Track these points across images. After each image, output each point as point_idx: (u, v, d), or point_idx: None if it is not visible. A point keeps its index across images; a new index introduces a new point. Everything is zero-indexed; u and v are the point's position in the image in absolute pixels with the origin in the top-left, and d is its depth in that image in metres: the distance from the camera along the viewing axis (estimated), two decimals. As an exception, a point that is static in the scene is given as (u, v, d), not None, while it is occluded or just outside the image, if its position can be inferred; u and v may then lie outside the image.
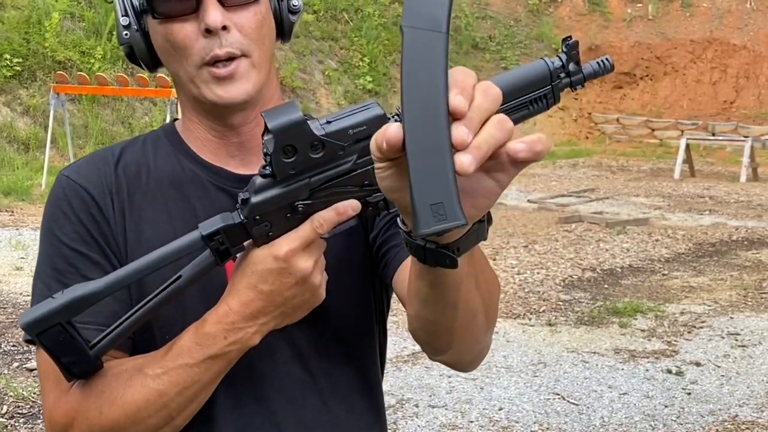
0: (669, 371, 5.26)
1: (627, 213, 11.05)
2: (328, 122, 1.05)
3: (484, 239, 0.95)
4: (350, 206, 1.06)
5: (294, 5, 1.24)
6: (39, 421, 4.39)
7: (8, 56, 13.31)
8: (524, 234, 9.27)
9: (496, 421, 4.52)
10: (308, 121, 1.03)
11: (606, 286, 7.38)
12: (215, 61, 1.15)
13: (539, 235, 9.29)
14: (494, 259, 8.08)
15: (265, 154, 1.04)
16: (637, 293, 7.11)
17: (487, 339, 1.17)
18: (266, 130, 1.03)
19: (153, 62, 1.22)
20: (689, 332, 6.06)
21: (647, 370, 5.28)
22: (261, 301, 1.07)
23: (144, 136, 1.29)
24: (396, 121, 0.97)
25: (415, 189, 0.78)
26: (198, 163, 1.24)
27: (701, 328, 6.16)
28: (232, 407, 1.20)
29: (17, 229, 8.83)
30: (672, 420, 4.56)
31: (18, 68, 13.36)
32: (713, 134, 17.48)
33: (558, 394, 4.89)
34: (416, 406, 4.65)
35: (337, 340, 1.26)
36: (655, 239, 9.27)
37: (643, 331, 6.09)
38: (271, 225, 1.07)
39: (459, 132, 0.77)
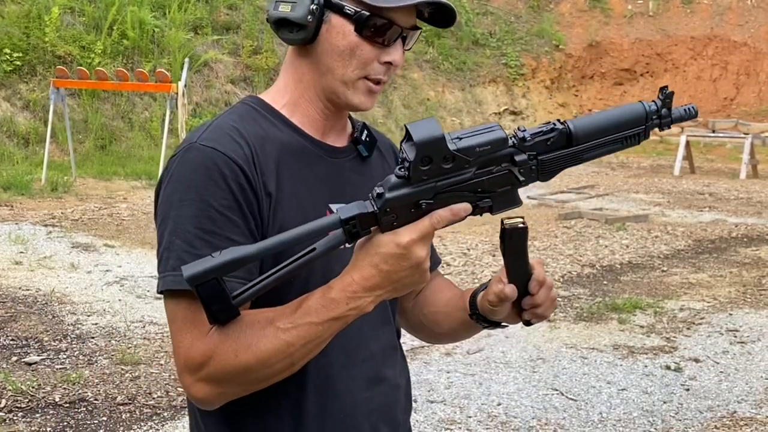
0: (668, 367, 5.26)
1: (627, 209, 11.05)
2: (459, 138, 1.28)
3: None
4: (463, 209, 1.30)
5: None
6: (37, 415, 4.39)
7: (8, 51, 13.30)
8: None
9: (495, 416, 4.52)
10: (445, 137, 1.26)
11: (605, 282, 7.38)
12: (374, 81, 1.46)
13: (539, 231, 9.29)
14: (493, 255, 8.09)
15: (403, 159, 1.26)
16: (636, 289, 7.11)
17: None
18: (408, 139, 1.25)
19: (306, 43, 1.44)
20: (688, 328, 6.06)
21: (646, 366, 5.28)
22: (379, 278, 1.28)
23: (242, 110, 1.48)
24: (513, 144, 1.32)
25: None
26: (303, 136, 1.48)
27: (700, 324, 6.16)
28: (340, 333, 1.38)
29: (17, 224, 8.83)
30: (670, 416, 4.56)
31: (18, 63, 13.35)
32: (713, 131, 17.47)
33: (556, 390, 4.89)
34: (415, 401, 4.65)
35: (395, 307, 1.62)
36: (654, 236, 9.27)
37: (642, 327, 6.09)
38: (397, 217, 1.27)
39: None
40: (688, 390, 4.92)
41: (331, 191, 1.48)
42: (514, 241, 1.42)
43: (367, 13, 1.40)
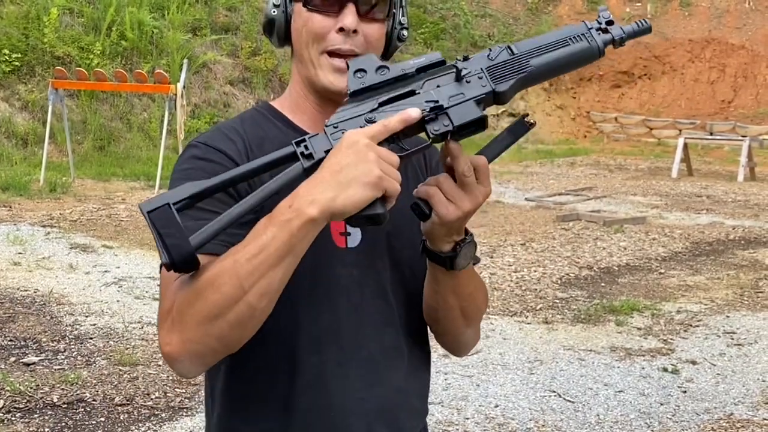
0: (665, 369, 5.28)
1: (624, 212, 11.06)
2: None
3: (476, 261, 1.45)
4: (412, 111, 1.27)
5: (403, 35, 1.55)
6: (35, 416, 4.39)
7: (7, 51, 13.31)
8: (522, 232, 9.28)
9: (492, 418, 4.53)
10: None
11: (603, 284, 7.40)
12: (335, 54, 1.43)
13: (537, 233, 9.30)
14: (491, 257, 8.09)
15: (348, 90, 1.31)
16: (633, 291, 7.12)
17: (467, 334, 1.58)
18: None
19: (285, 39, 1.49)
20: (685, 331, 6.07)
21: (643, 368, 5.29)
22: (321, 170, 1.22)
23: (247, 115, 1.52)
24: (455, 62, 1.35)
25: None
26: (304, 134, 1.40)
27: (697, 326, 6.18)
28: (336, 331, 1.42)
29: (15, 224, 8.83)
30: (667, 418, 4.57)
31: (17, 63, 13.36)
32: (711, 133, 17.50)
33: (554, 392, 4.90)
34: (412, 402, 4.65)
35: (404, 285, 1.52)
36: (652, 238, 9.28)
37: (639, 329, 6.10)
38: (347, 131, 1.26)
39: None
40: (685, 392, 4.93)
41: None
42: (515, 127, 1.38)
43: None
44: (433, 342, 1.62)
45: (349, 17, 1.41)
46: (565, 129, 20.03)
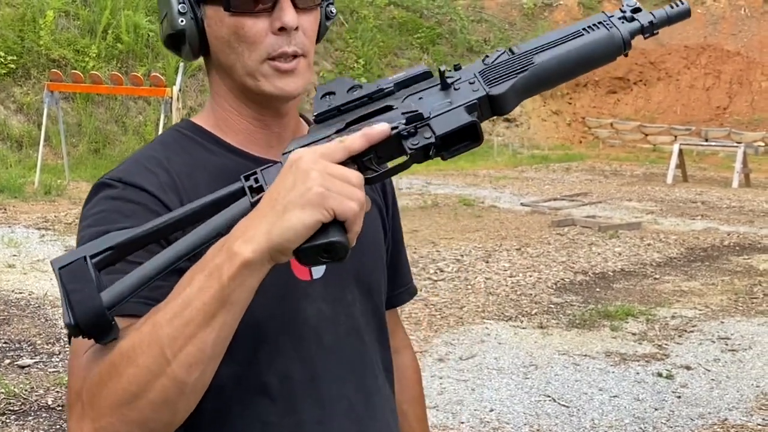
0: (659, 374, 5.28)
1: (619, 217, 11.08)
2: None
3: None
4: (378, 125, 1.04)
5: (331, 12, 1.30)
6: (30, 418, 4.39)
7: (2, 54, 13.30)
8: (517, 237, 9.29)
9: (487, 422, 4.53)
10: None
11: (598, 289, 7.40)
12: (278, 57, 1.20)
13: (532, 238, 9.31)
14: (487, 262, 8.10)
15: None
16: (628, 297, 7.13)
17: None
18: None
19: (200, 50, 1.24)
20: (680, 336, 6.08)
21: (638, 373, 5.30)
22: (258, 206, 1.00)
23: (169, 139, 1.27)
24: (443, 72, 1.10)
25: None
26: (241, 155, 1.25)
27: (692, 332, 6.18)
28: (311, 383, 1.21)
29: (9, 227, 8.82)
30: (662, 423, 4.58)
31: (12, 66, 13.35)
32: (706, 140, 17.54)
33: (549, 396, 4.90)
34: (407, 406, 4.65)
35: (377, 315, 1.35)
36: (647, 243, 9.30)
37: (634, 334, 6.10)
38: None
39: None
40: (679, 397, 4.94)
41: None
42: None
43: None
44: (427, 347, 1.59)
45: (288, 13, 1.18)
46: (560, 134, 20.06)
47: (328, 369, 1.23)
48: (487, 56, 1.12)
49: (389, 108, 1.08)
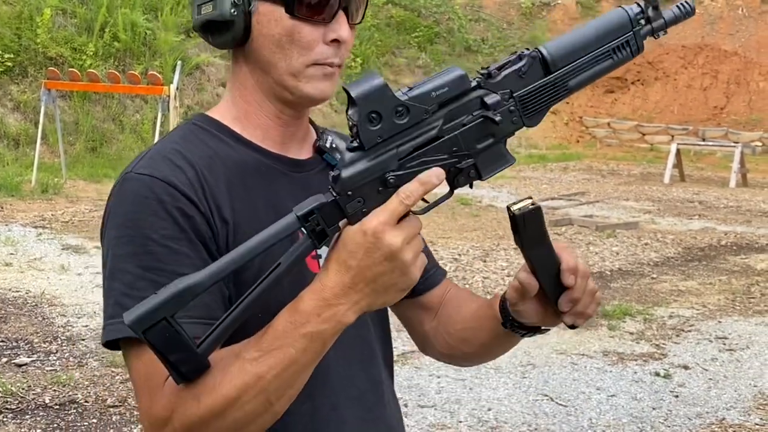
0: (657, 374, 5.28)
1: (617, 217, 11.08)
2: (410, 89, 1.09)
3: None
4: (433, 174, 1.09)
5: None
6: (27, 417, 4.38)
7: (-1, 52, 13.28)
8: (514, 236, 9.27)
9: (485, 421, 4.53)
10: (389, 87, 1.07)
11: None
12: (323, 64, 1.25)
13: (529, 237, 9.29)
14: (484, 261, 8.10)
15: (351, 127, 1.08)
16: (626, 296, 7.13)
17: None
18: (350, 104, 1.07)
19: (239, 42, 1.27)
20: (677, 335, 6.09)
21: (635, 373, 5.30)
22: (351, 278, 1.07)
23: (186, 131, 1.29)
24: (479, 84, 1.12)
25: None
26: (258, 151, 1.29)
27: (689, 331, 6.19)
28: (326, 371, 1.24)
29: (6, 225, 8.81)
30: (660, 422, 4.58)
31: (9, 64, 13.32)
32: (703, 139, 17.55)
33: (546, 396, 4.90)
34: (405, 405, 4.65)
35: (380, 311, 1.39)
36: (644, 243, 9.30)
37: (631, 333, 6.11)
38: (365, 200, 1.07)
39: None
40: (677, 397, 4.94)
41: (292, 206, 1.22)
42: (529, 228, 1.21)
43: None
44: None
45: (344, 28, 1.24)
46: (558, 134, 20.07)
47: (339, 358, 1.26)
48: (520, 59, 1.14)
49: (437, 138, 1.11)
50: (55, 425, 4.30)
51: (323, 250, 1.14)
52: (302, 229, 1.07)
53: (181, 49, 15.30)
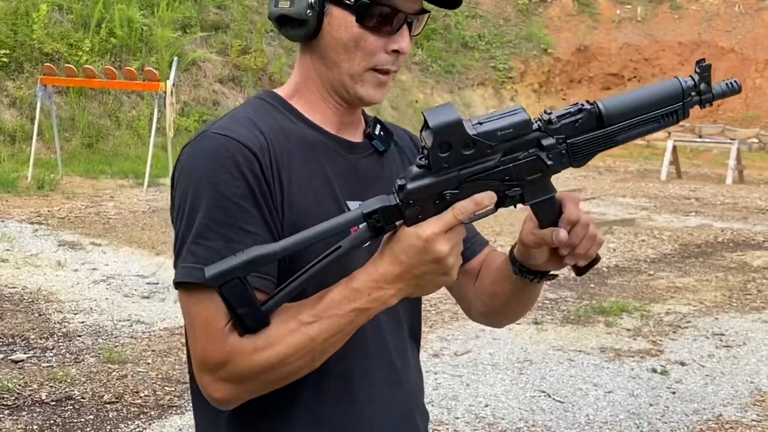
0: (654, 370, 5.29)
1: (613, 213, 11.09)
2: (480, 123, 1.25)
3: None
4: (487, 197, 1.27)
5: None
6: (24, 413, 4.37)
7: (-5, 47, 13.24)
8: (511, 233, 9.28)
9: (482, 417, 4.53)
10: (463, 122, 1.23)
11: (592, 285, 7.41)
12: (381, 71, 1.41)
13: (526, 234, 9.29)
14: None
15: (423, 147, 1.25)
16: (623, 293, 7.13)
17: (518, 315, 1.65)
18: (426, 126, 1.24)
19: (310, 38, 1.40)
20: (674, 332, 6.09)
21: (632, 369, 5.30)
22: (400, 270, 1.25)
23: (254, 104, 1.44)
24: (539, 127, 1.27)
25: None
26: (320, 131, 1.44)
27: (686, 328, 6.19)
28: (361, 336, 1.37)
29: (2, 221, 8.78)
30: (656, 419, 4.58)
31: (5, 60, 13.28)
32: (700, 136, 17.56)
33: (544, 392, 4.90)
34: (402, 402, 4.65)
35: (414, 313, 1.57)
36: (641, 240, 9.31)
37: (628, 330, 6.11)
38: (421, 209, 1.25)
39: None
40: (674, 393, 4.94)
41: (348, 188, 1.43)
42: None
43: (368, 2, 1.35)
44: (421, 342, 1.64)
45: (406, 41, 1.40)
46: (554, 130, 20.07)
47: (373, 325, 1.38)
48: (581, 110, 1.29)
49: (494, 168, 1.27)
50: (52, 422, 4.29)
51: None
52: (366, 223, 1.25)
53: (178, 45, 15.27)
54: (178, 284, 1.31)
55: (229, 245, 1.27)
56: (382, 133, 1.51)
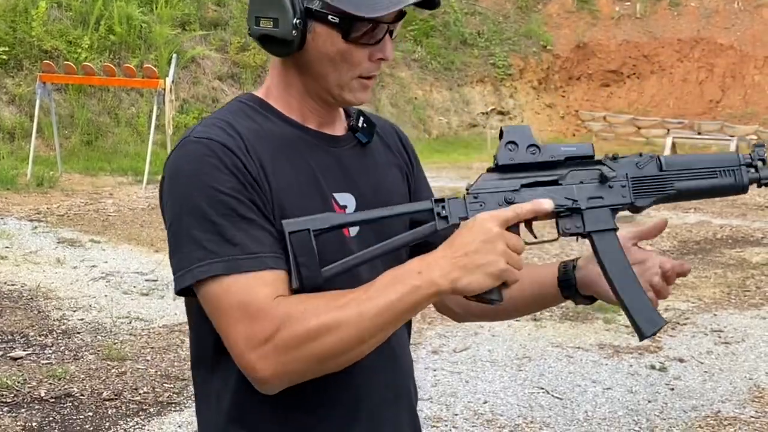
0: (652, 367, 5.29)
1: (613, 210, 11.08)
2: (546, 146, 1.38)
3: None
4: (545, 201, 1.35)
5: None
6: (23, 410, 4.37)
7: (-6, 45, 13.22)
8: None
9: (481, 414, 4.53)
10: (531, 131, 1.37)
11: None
12: (366, 77, 1.45)
13: (525, 230, 9.29)
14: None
15: (494, 157, 1.37)
16: (621, 289, 7.12)
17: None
18: (501, 138, 1.38)
19: (293, 54, 1.42)
20: (673, 329, 6.09)
21: (631, 366, 5.31)
22: (451, 249, 1.29)
23: (231, 108, 1.46)
24: (602, 160, 1.41)
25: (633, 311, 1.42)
26: (300, 128, 1.47)
27: (685, 324, 6.20)
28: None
29: (2, 218, 8.79)
30: (655, 415, 4.59)
31: (4, 57, 13.27)
32: (699, 133, 17.56)
33: (542, 388, 4.91)
34: (401, 398, 4.65)
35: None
36: (640, 236, 9.30)
37: (627, 326, 6.10)
38: (484, 204, 1.35)
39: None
40: (672, 389, 4.95)
41: (334, 180, 1.46)
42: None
43: (352, 19, 1.38)
44: (420, 339, 1.67)
45: (389, 48, 1.44)
46: (554, 127, 20.07)
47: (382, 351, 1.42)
48: (640, 155, 1.42)
49: (555, 182, 1.37)
50: (51, 418, 4.29)
51: None
52: (433, 210, 1.35)
53: (177, 42, 15.26)
54: (197, 283, 1.31)
55: (238, 233, 1.31)
56: (365, 125, 1.55)
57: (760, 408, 4.73)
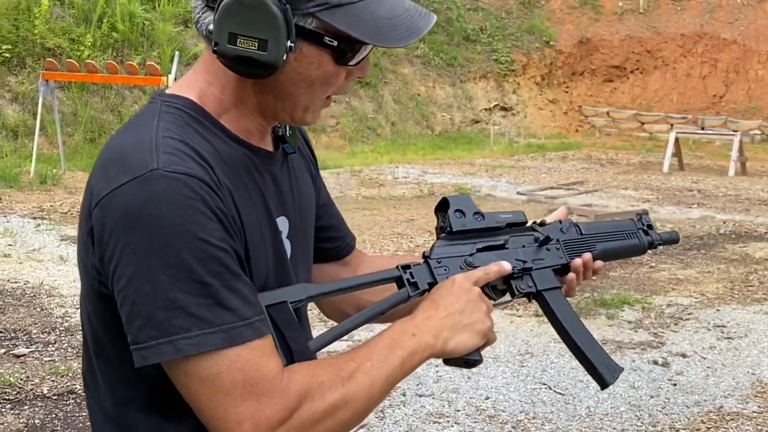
0: (655, 362, 5.29)
1: (616, 206, 11.08)
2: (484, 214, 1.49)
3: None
4: (504, 263, 1.42)
5: None
6: (26, 407, 4.38)
7: (-3, 43, 13.24)
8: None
9: (483, 410, 4.54)
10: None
11: (594, 277, 7.37)
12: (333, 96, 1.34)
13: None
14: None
15: (444, 219, 1.45)
16: (624, 285, 7.13)
17: None
18: (442, 209, 1.46)
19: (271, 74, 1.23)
20: (676, 324, 6.09)
21: (634, 361, 5.30)
22: (435, 309, 1.31)
23: (170, 117, 1.23)
24: (532, 226, 1.55)
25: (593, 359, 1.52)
26: (247, 147, 1.30)
27: (688, 320, 6.19)
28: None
29: (5, 216, 8.80)
30: (657, 410, 4.59)
31: (7, 55, 13.29)
32: (702, 128, 17.54)
33: (544, 384, 4.91)
34: (403, 394, 4.66)
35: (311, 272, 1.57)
36: (643, 232, 9.29)
37: (630, 322, 6.11)
38: (448, 269, 1.40)
39: None
40: (675, 385, 4.95)
41: (274, 204, 1.33)
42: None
43: (354, 43, 1.23)
44: None
45: (368, 67, 1.32)
46: (557, 123, 20.05)
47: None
48: (561, 223, 1.57)
49: (503, 246, 1.47)
50: (54, 415, 4.30)
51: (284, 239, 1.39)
52: (401, 277, 1.38)
53: (179, 39, 15.27)
54: (196, 355, 1.11)
55: (232, 295, 1.13)
56: (290, 132, 1.40)
57: (762, 403, 4.72)
